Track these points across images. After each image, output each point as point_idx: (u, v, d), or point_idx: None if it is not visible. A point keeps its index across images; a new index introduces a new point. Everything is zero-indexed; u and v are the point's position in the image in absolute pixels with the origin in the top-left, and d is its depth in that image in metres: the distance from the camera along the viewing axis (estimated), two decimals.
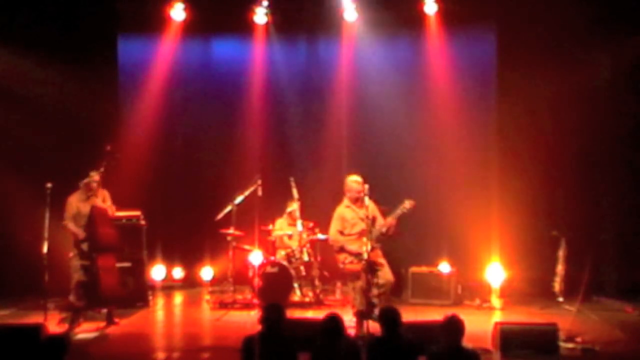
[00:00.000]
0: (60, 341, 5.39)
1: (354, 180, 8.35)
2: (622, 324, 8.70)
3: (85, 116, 10.72)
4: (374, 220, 8.21)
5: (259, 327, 5.64)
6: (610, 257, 10.43)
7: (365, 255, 7.90)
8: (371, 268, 8.00)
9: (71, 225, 8.81)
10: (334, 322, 5.54)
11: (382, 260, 8.21)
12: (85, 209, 8.80)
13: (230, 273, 9.92)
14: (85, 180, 8.85)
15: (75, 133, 10.76)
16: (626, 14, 9.98)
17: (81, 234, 8.74)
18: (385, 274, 8.16)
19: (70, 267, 8.80)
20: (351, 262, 8.19)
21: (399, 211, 8.12)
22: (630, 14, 9.96)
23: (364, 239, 7.94)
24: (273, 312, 5.65)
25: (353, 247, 8.18)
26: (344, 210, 8.39)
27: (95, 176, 8.82)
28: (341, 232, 8.35)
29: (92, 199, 8.81)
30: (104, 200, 8.97)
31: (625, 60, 10.24)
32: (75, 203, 8.90)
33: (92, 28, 10.76)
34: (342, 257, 8.30)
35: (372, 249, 8.00)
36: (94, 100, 10.78)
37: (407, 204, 8.11)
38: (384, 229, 8.15)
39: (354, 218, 8.28)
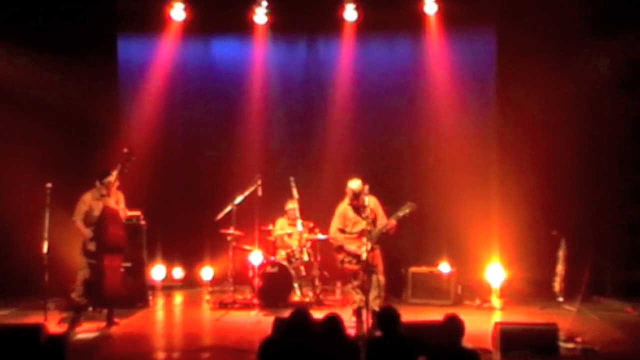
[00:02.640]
0: (60, 341, 5.38)
1: (351, 189, 8.27)
2: (622, 324, 8.70)
3: (85, 116, 10.72)
4: (374, 219, 8.20)
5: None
6: (610, 257, 10.43)
7: (364, 256, 7.93)
8: (368, 269, 8.03)
9: (80, 224, 8.69)
10: (333, 322, 5.53)
11: (377, 262, 8.17)
12: (98, 207, 8.70)
13: (230, 273, 9.91)
14: (105, 179, 8.71)
15: (75, 133, 10.78)
16: (625, 14, 9.98)
17: (89, 233, 8.65)
18: (377, 279, 8.12)
19: (77, 265, 8.77)
20: (349, 262, 8.20)
21: (400, 213, 8.08)
22: (629, 14, 9.97)
23: (364, 239, 7.95)
24: (298, 318, 5.54)
25: (352, 247, 8.18)
26: (346, 208, 8.37)
27: (114, 175, 8.71)
28: (342, 230, 8.33)
29: (106, 199, 8.70)
30: (117, 202, 8.86)
31: (624, 60, 10.24)
32: (89, 201, 8.77)
33: (92, 28, 10.75)
34: (340, 256, 8.30)
35: (372, 249, 8.02)
36: (94, 100, 10.79)
37: (409, 206, 8.08)
38: (384, 229, 8.13)
39: (355, 217, 8.26)
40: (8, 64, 10.42)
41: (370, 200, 8.08)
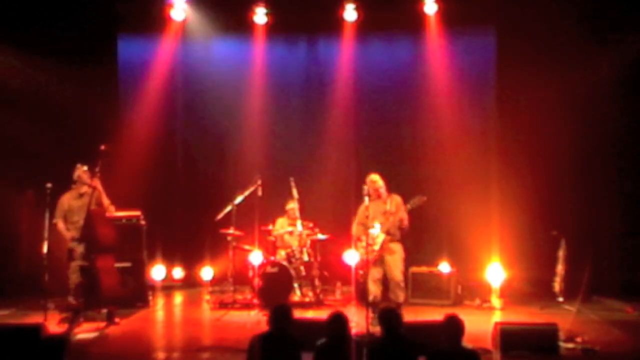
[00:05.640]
0: (60, 341, 5.39)
1: (369, 180, 8.63)
2: (622, 324, 8.70)
3: (85, 116, 10.73)
4: (394, 215, 8.56)
5: (259, 327, 5.63)
6: (610, 257, 10.43)
7: (377, 247, 8.40)
8: (381, 260, 8.49)
9: (61, 225, 8.81)
10: (339, 321, 5.53)
11: (392, 256, 8.51)
12: (77, 204, 8.81)
13: (230, 273, 9.91)
14: (74, 176, 8.86)
15: (75, 133, 10.77)
16: (625, 15, 9.98)
17: (67, 235, 8.75)
18: (391, 271, 8.50)
19: (68, 269, 8.80)
20: (365, 253, 8.46)
21: (408, 205, 8.53)
22: (629, 14, 9.97)
23: (376, 232, 8.44)
24: (281, 313, 5.63)
25: (364, 238, 8.38)
26: (368, 205, 8.47)
27: (80, 168, 8.84)
28: (363, 224, 8.52)
29: (84, 197, 8.78)
30: (99, 198, 8.86)
31: (624, 61, 10.23)
32: (67, 201, 8.90)
33: (92, 28, 10.77)
34: (358, 247, 8.73)
35: (385, 242, 8.46)
36: (94, 100, 10.79)
37: (417, 199, 8.50)
38: (397, 223, 8.51)
39: (375, 212, 8.56)
40: (8, 65, 10.41)
41: (394, 199, 8.62)
